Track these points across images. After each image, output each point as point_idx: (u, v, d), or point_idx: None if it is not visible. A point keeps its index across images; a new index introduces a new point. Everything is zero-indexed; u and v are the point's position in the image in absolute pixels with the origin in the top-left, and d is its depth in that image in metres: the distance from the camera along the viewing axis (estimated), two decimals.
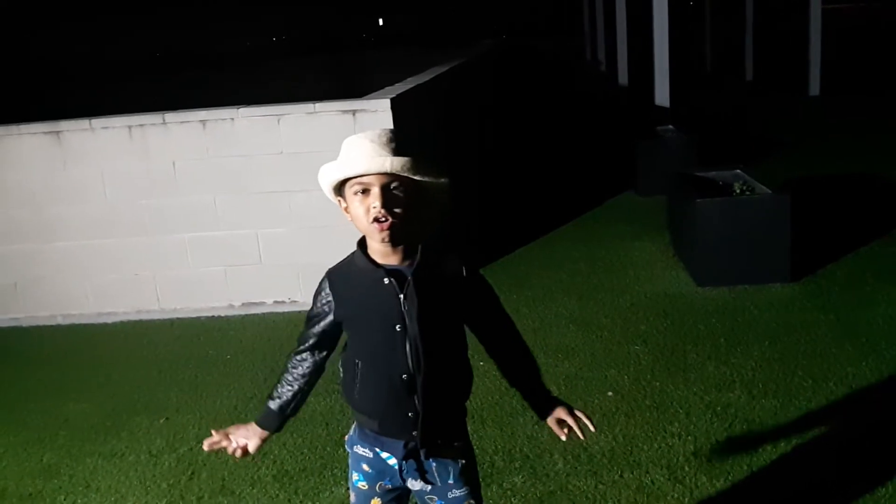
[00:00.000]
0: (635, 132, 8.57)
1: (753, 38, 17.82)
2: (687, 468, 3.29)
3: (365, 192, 1.87)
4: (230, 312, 5.57)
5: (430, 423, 2.01)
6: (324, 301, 2.06)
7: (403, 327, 1.95)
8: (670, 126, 8.58)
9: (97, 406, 4.36)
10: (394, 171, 1.84)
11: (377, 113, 5.25)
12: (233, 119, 5.36)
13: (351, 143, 1.90)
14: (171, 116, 5.40)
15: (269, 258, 5.51)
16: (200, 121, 5.37)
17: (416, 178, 1.87)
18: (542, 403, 2.18)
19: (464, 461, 2.11)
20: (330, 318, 2.06)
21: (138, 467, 3.70)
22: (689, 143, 7.93)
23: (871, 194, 7.44)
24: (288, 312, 5.47)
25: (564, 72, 24.51)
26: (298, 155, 5.34)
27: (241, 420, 2.30)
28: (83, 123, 5.45)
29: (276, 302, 5.57)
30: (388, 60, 17.01)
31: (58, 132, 5.46)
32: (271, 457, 3.63)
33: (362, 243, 2.00)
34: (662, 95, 9.13)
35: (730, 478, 3.21)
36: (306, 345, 2.15)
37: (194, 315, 5.57)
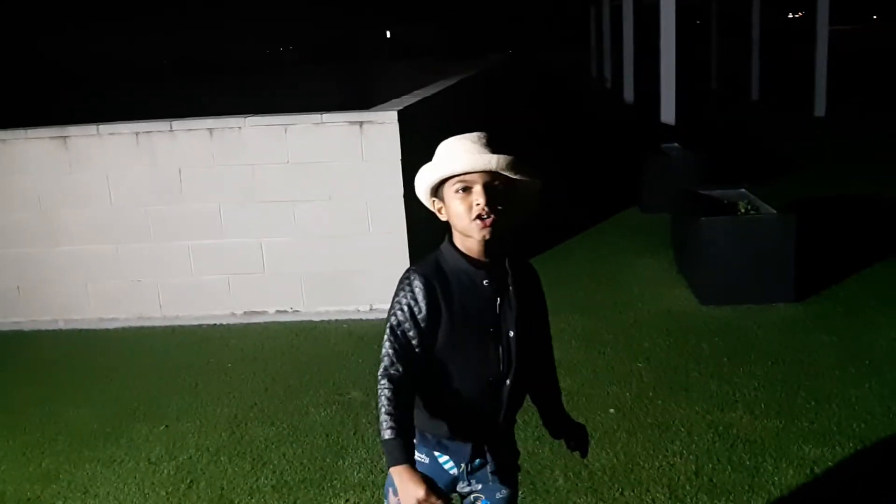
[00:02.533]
0: (641, 149, 8.58)
1: (760, 58, 17.87)
2: (688, 487, 3.27)
3: (466, 189, 1.90)
4: (232, 321, 5.56)
5: (505, 425, 2.05)
6: (419, 305, 1.89)
7: (497, 329, 1.96)
8: (676, 144, 8.59)
9: (97, 412, 4.35)
10: (498, 169, 1.88)
11: (384, 125, 5.26)
12: (240, 128, 5.37)
13: (451, 144, 1.94)
14: (178, 124, 5.42)
15: (272, 267, 5.50)
16: (208, 129, 5.38)
17: (514, 176, 1.90)
18: (562, 427, 2.23)
19: (513, 461, 2.16)
20: (425, 323, 1.88)
21: (137, 474, 3.68)
22: (694, 161, 7.93)
23: (876, 215, 7.43)
24: (290, 322, 5.46)
25: (570, 87, 24.57)
26: (304, 165, 5.35)
27: (240, 428, 2.28)
28: (90, 129, 5.47)
29: (278, 311, 5.56)
30: (396, 72, 17.07)
31: (65, 137, 5.47)
32: (270, 467, 3.62)
33: (452, 242, 1.97)
34: (668, 113, 9.14)
35: (731, 498, 3.20)
36: (400, 371, 1.86)
37: (196, 323, 5.57)
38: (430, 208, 2.00)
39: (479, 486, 2.09)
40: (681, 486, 3.28)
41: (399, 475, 1.78)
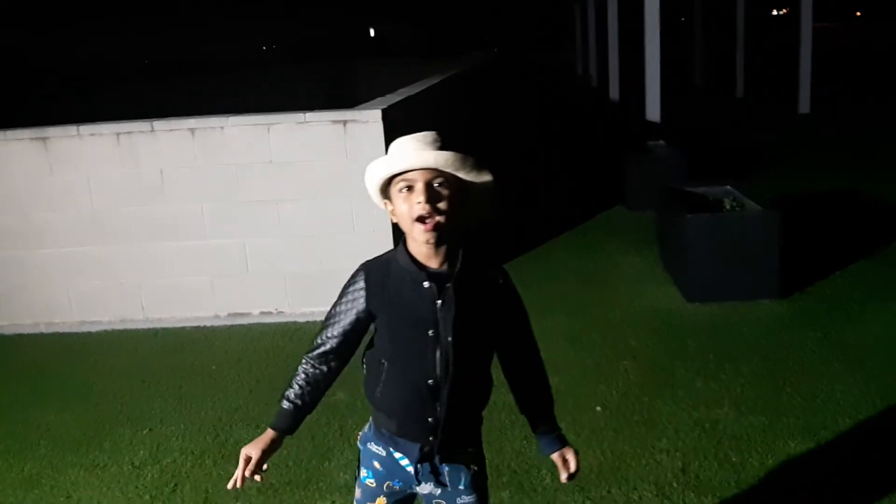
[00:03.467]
0: (626, 146, 8.59)
1: (744, 54, 17.94)
2: (675, 484, 3.27)
3: (410, 189, 1.87)
4: (216, 323, 5.52)
5: (449, 429, 2.00)
6: (357, 293, 1.99)
7: (436, 333, 1.93)
8: (661, 141, 8.60)
9: (79, 416, 4.30)
10: (437, 167, 1.84)
11: (368, 124, 5.23)
12: (222, 128, 5.33)
13: (398, 143, 1.92)
14: (159, 124, 5.36)
15: (256, 268, 5.46)
16: (189, 129, 5.34)
17: (460, 174, 1.87)
18: (551, 440, 2.18)
19: (476, 468, 2.11)
20: (359, 311, 1.98)
21: (121, 479, 3.64)
22: (679, 157, 7.94)
23: (860, 211, 7.46)
24: (274, 323, 5.42)
25: (555, 85, 24.60)
26: (288, 165, 5.31)
27: (225, 431, 2.25)
28: (71, 130, 5.40)
29: (262, 313, 5.52)
30: (379, 71, 17.02)
31: (45, 138, 5.41)
32: None
33: (406, 242, 1.97)
34: (653, 110, 9.16)
35: (718, 494, 3.20)
36: (326, 346, 2.03)
37: (179, 325, 5.52)
38: (384, 209, 1.98)
39: (439, 492, 2.08)
40: (668, 483, 3.27)
41: (263, 434, 2.02)
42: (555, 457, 2.17)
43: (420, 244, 1.91)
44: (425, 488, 2.08)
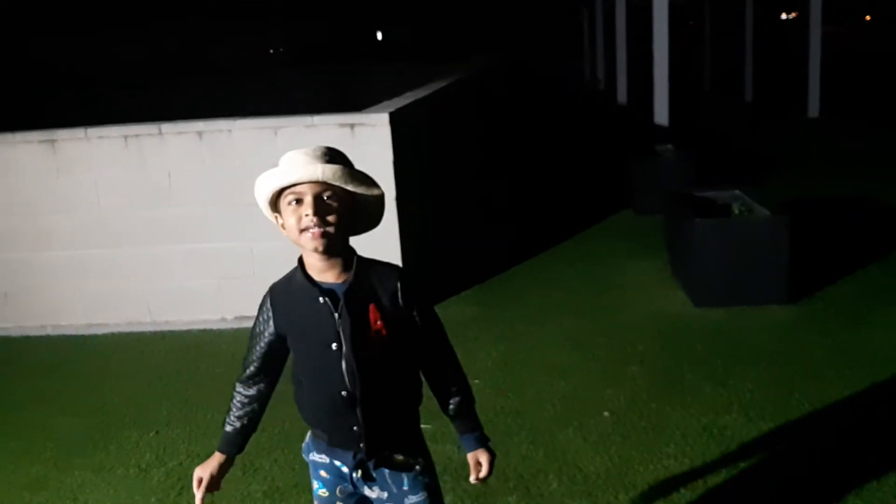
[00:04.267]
0: (633, 150, 8.56)
1: (753, 59, 17.89)
2: (683, 490, 3.24)
3: (298, 202, 1.90)
4: (223, 326, 5.52)
5: (373, 436, 2.01)
6: (265, 315, 2.06)
7: (339, 346, 1.95)
8: (669, 145, 8.58)
9: (86, 419, 4.31)
10: (325, 180, 1.87)
11: (376, 127, 5.23)
12: (230, 131, 5.33)
13: (287, 156, 1.94)
14: (167, 127, 5.37)
15: (262, 272, 5.46)
16: (197, 132, 5.34)
17: (349, 188, 1.89)
18: (471, 439, 2.14)
19: (418, 467, 2.10)
20: (270, 334, 2.06)
21: (127, 481, 3.64)
22: (687, 162, 7.92)
23: (869, 217, 7.42)
24: None
25: (563, 89, 24.58)
26: None
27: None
28: (78, 132, 5.42)
29: None
30: (385, 74, 17.02)
31: (53, 141, 5.42)
32: (262, 473, 3.58)
33: (301, 259, 2.00)
34: (661, 114, 9.13)
35: (726, 501, 3.17)
36: (250, 370, 2.14)
37: (186, 328, 5.52)
38: (274, 223, 2.00)
39: (386, 495, 2.09)
40: (675, 490, 3.25)
41: (212, 457, 2.17)
42: (469, 457, 2.15)
43: (310, 255, 1.95)
44: (372, 493, 2.10)
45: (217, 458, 2.17)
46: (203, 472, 2.14)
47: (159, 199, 5.42)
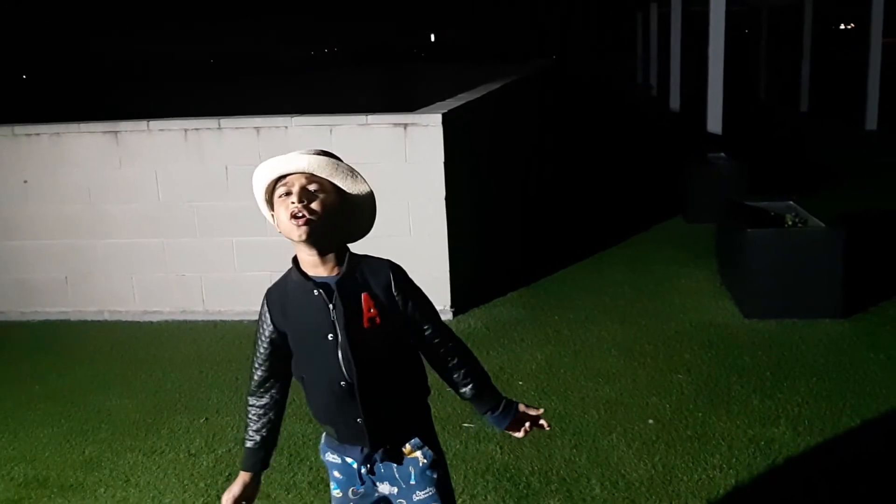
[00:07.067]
0: (686, 158, 8.49)
1: (810, 68, 17.57)
2: (727, 502, 3.22)
3: (288, 193, 1.96)
4: None
5: (375, 427, 2.04)
6: (264, 317, 2.09)
7: (335, 336, 1.99)
8: (722, 153, 8.48)
9: (139, 403, 4.43)
10: (309, 170, 1.95)
11: (428, 128, 5.28)
12: (286, 127, 5.43)
13: (282, 155, 2.01)
14: (226, 122, 5.49)
15: None
16: (255, 127, 5.45)
17: (334, 181, 1.96)
18: (502, 412, 2.14)
19: (426, 461, 2.11)
20: (271, 334, 2.08)
21: (177, 465, 3.74)
22: (740, 171, 7.83)
23: None
24: None
25: (615, 94, 24.40)
26: None
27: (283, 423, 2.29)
28: (141, 124, 5.56)
29: None
30: (440, 75, 17.09)
31: (116, 132, 5.58)
32: (308, 463, 3.65)
33: (296, 258, 2.04)
34: (715, 122, 9.03)
35: None
36: (257, 377, 2.14)
37: (238, 318, 5.63)
38: (270, 221, 2.05)
39: (396, 490, 2.11)
40: (720, 500, 3.23)
41: (238, 477, 2.15)
42: (512, 428, 2.16)
43: (301, 249, 1.99)
44: (384, 489, 2.12)
45: (242, 479, 2.15)
46: (229, 496, 2.13)
47: (216, 192, 5.54)
